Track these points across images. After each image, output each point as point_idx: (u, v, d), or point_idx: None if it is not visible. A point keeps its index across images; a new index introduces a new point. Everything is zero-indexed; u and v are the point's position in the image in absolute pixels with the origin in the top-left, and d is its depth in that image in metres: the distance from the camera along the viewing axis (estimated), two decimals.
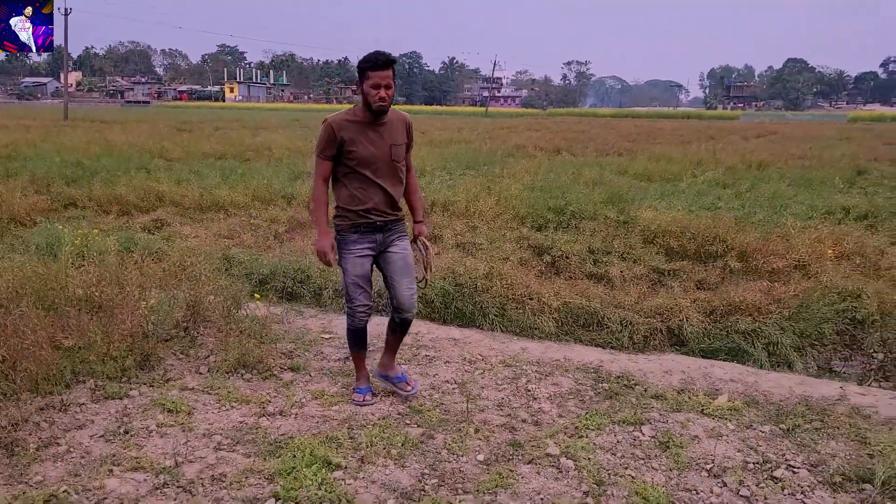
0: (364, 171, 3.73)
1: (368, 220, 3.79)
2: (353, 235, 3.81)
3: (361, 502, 3.08)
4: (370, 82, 3.61)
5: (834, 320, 4.94)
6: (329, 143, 3.71)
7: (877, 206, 9.22)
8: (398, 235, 3.93)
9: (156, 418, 3.79)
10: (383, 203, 3.81)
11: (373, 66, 3.60)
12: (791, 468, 3.45)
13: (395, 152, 3.82)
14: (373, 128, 3.74)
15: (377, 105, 3.64)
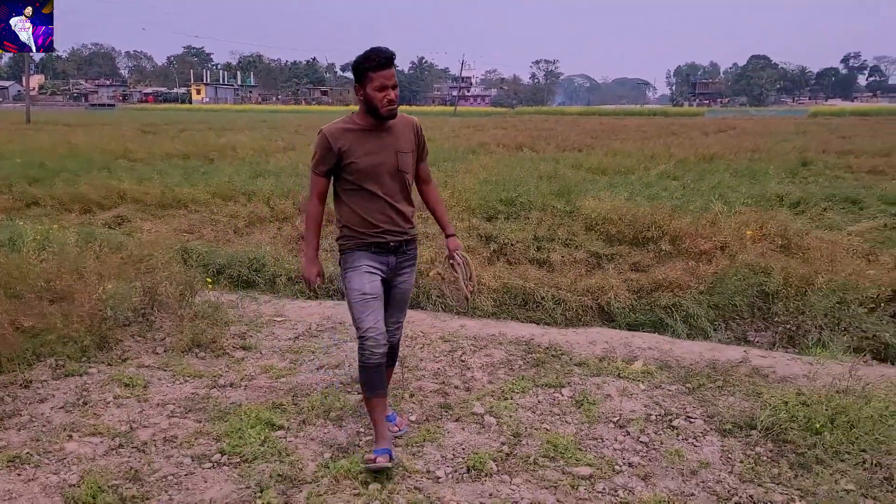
0: (369, 187, 3.26)
1: (380, 241, 3.33)
2: (362, 252, 3.34)
3: (299, 455, 3.41)
4: (374, 85, 3.15)
5: (744, 293, 5.39)
6: (324, 156, 3.27)
7: (808, 194, 9.77)
8: (410, 264, 3.51)
9: (113, 391, 4.09)
10: (395, 221, 3.35)
11: (375, 66, 3.14)
12: (689, 419, 3.86)
13: (403, 161, 3.33)
14: (375, 135, 3.28)
15: (386, 109, 3.19)
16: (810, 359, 4.57)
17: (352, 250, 3.35)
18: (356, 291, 3.29)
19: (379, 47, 3.18)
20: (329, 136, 3.26)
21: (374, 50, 3.17)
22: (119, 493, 3.05)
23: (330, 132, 3.27)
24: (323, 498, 3.04)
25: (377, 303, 3.31)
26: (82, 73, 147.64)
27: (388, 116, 3.24)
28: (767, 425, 3.70)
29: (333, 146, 3.24)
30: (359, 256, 3.33)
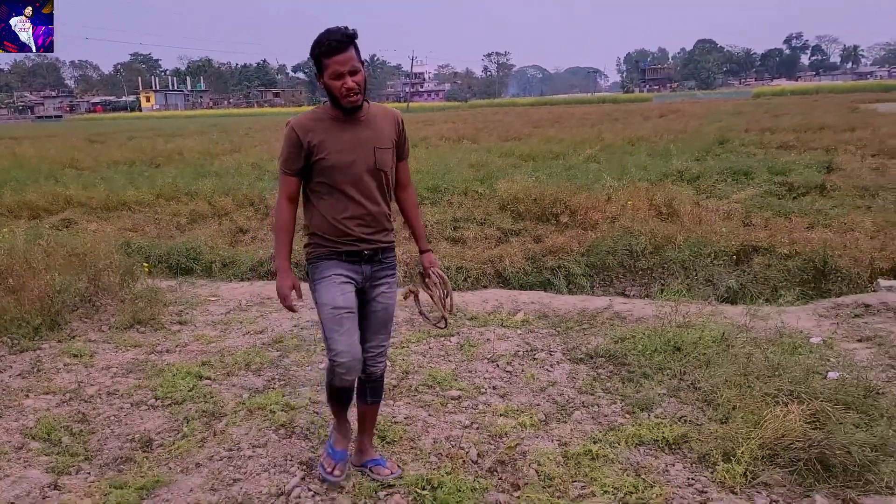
0: (342, 187, 2.87)
1: (353, 249, 2.94)
2: (332, 261, 2.95)
3: (222, 397, 4.13)
4: (328, 72, 2.75)
5: (615, 253, 6.24)
6: (293, 152, 2.87)
7: (707, 169, 10.75)
8: (388, 274, 3.08)
9: (63, 361, 4.75)
10: (371, 227, 2.95)
11: (327, 51, 2.73)
12: (550, 352, 4.68)
13: (381, 158, 2.92)
14: (349, 127, 2.88)
15: (347, 101, 2.78)
16: (663, 302, 5.41)
17: (320, 259, 2.96)
18: (327, 305, 2.88)
19: (332, 28, 2.76)
20: (297, 129, 2.85)
21: (326, 32, 2.75)
22: (69, 430, 3.74)
23: (298, 124, 2.87)
24: (238, 424, 3.77)
25: (351, 319, 2.92)
26: (26, 85, 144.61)
27: (351, 108, 2.81)
28: (613, 353, 4.53)
29: (302, 140, 2.84)
30: (329, 265, 2.93)
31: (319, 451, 3.45)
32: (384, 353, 3.18)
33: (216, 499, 3.08)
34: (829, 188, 9.79)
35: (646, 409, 3.81)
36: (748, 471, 3.08)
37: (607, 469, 3.22)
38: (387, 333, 3.17)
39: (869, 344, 4.53)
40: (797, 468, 3.07)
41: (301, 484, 3.18)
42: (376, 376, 3.19)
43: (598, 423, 3.72)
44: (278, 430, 3.70)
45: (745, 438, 3.17)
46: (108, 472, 3.35)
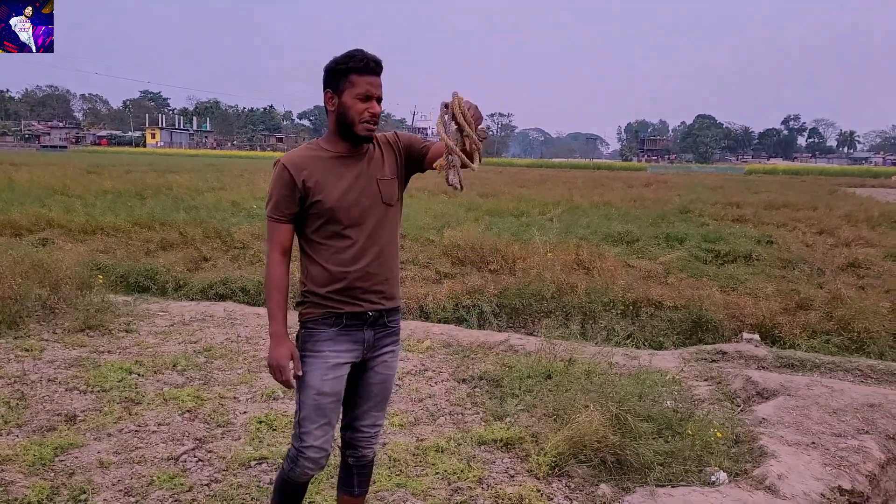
0: (344, 230, 2.49)
1: (357, 310, 2.53)
2: (330, 330, 2.53)
3: (145, 389, 4.81)
4: (356, 91, 2.42)
5: (523, 296, 6.98)
6: (285, 194, 2.47)
7: (644, 232, 11.62)
8: (392, 341, 2.71)
9: (15, 353, 5.43)
10: (378, 279, 2.55)
11: (362, 69, 2.42)
12: (439, 372, 5.37)
13: (386, 190, 2.56)
14: (348, 162, 2.52)
15: (365, 127, 2.46)
16: (555, 340, 6.12)
17: (316, 324, 2.53)
18: (312, 389, 2.52)
19: (363, 50, 2.45)
20: (290, 167, 2.46)
21: (359, 50, 2.44)
22: (8, 404, 4.40)
23: (291, 162, 2.47)
24: (152, 409, 4.44)
25: (334, 411, 2.58)
26: (35, 114, 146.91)
27: (366, 138, 2.49)
28: (493, 376, 5.22)
29: (296, 179, 2.44)
30: (324, 338, 2.52)
31: (217, 433, 4.12)
32: (379, 433, 2.79)
33: (117, 459, 3.74)
34: (755, 258, 10.58)
35: (500, 419, 4.48)
36: (555, 463, 3.76)
37: (447, 458, 3.89)
38: (383, 410, 2.78)
39: (711, 382, 5.24)
40: (594, 463, 3.75)
41: (189, 451, 3.85)
42: (367, 460, 2.80)
43: (457, 427, 4.40)
44: (183, 414, 4.38)
45: (553, 436, 3.86)
46: (34, 436, 4.01)
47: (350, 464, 2.79)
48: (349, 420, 2.73)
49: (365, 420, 2.72)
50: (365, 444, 2.74)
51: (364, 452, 2.76)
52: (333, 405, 2.57)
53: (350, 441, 2.75)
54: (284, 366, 2.48)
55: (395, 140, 2.66)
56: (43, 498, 3.30)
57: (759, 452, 3.94)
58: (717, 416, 4.50)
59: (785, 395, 4.72)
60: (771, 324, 6.54)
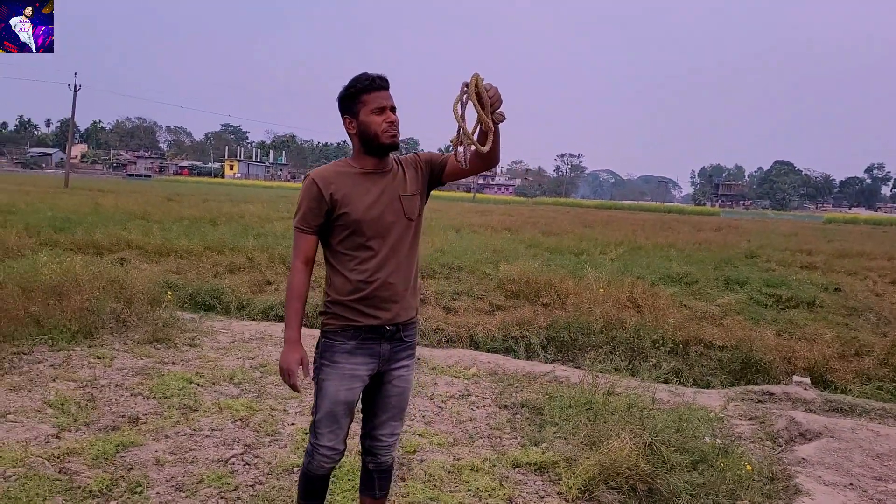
0: (369, 243, 2.65)
1: (375, 324, 2.67)
2: (348, 343, 2.68)
3: (203, 398, 5.10)
4: (370, 107, 2.61)
5: (570, 329, 7.06)
6: (313, 207, 2.63)
7: (704, 275, 11.50)
8: (408, 354, 2.83)
9: (88, 360, 5.82)
10: (398, 292, 2.70)
11: (368, 87, 2.62)
12: (482, 398, 5.50)
13: (408, 206, 2.72)
14: (375, 178, 2.69)
15: (388, 135, 2.63)
16: (599, 373, 6.18)
17: (335, 335, 2.70)
18: (328, 398, 2.70)
19: (367, 73, 2.66)
20: (319, 181, 2.62)
21: (365, 73, 2.65)
22: (78, 404, 4.75)
23: (320, 176, 2.65)
24: (207, 416, 4.72)
25: (347, 418, 2.76)
26: (124, 144, 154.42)
27: (392, 145, 2.65)
28: (535, 404, 5.33)
29: (324, 193, 2.61)
30: (342, 350, 2.68)
31: (265, 441, 4.36)
32: (397, 441, 2.96)
33: (172, 458, 4.01)
34: (818, 304, 10.35)
35: (536, 444, 4.59)
36: (585, 487, 3.84)
37: (480, 477, 4.02)
38: (401, 420, 2.92)
39: (754, 422, 5.21)
40: (624, 490, 3.82)
41: (238, 455, 4.10)
42: (387, 465, 2.95)
43: (493, 449, 4.52)
44: (235, 422, 4.64)
45: (585, 461, 3.94)
46: (99, 434, 4.32)
47: (371, 469, 2.95)
48: (369, 430, 2.89)
49: (384, 430, 2.87)
50: (384, 451, 2.90)
51: (383, 459, 2.91)
52: (346, 412, 2.74)
53: (370, 449, 2.91)
54: (294, 371, 2.66)
55: (416, 159, 2.84)
56: (103, 487, 3.58)
57: (794, 490, 3.94)
58: (755, 454, 4.50)
59: (828, 438, 4.67)
60: (823, 368, 6.44)
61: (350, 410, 2.77)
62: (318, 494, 2.94)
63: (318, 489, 2.93)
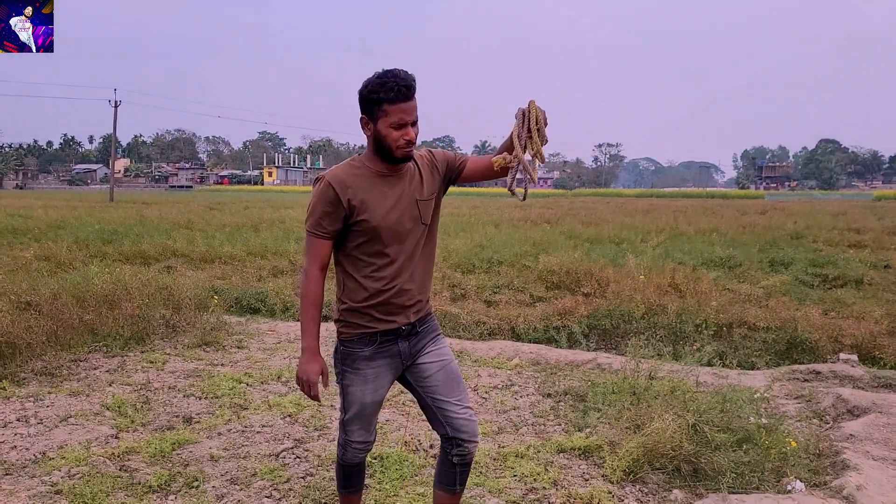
0: (386, 250, 2.58)
1: (391, 327, 2.64)
2: (366, 349, 2.65)
3: (252, 396, 5.25)
4: (389, 120, 2.47)
5: (611, 317, 7.05)
6: (329, 212, 2.54)
7: (748, 257, 11.34)
8: (433, 335, 2.78)
9: (142, 365, 6.03)
10: (413, 295, 2.67)
11: (394, 97, 2.45)
12: (524, 387, 5.55)
13: (425, 210, 2.66)
14: (391, 181, 2.60)
15: (403, 152, 2.53)
16: (642, 359, 6.18)
17: (352, 344, 2.68)
18: (355, 403, 2.71)
19: (395, 70, 2.47)
20: (335, 185, 2.52)
21: (391, 75, 2.46)
22: (135, 406, 4.93)
23: (336, 179, 2.53)
24: (258, 413, 4.86)
25: (375, 413, 2.78)
26: (164, 156, 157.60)
27: (404, 160, 2.56)
28: (578, 391, 5.36)
29: (341, 197, 2.51)
30: (361, 357, 2.66)
31: (313, 435, 4.48)
32: (474, 415, 2.81)
33: (226, 454, 4.15)
34: (867, 282, 10.16)
35: (580, 429, 4.62)
36: (630, 469, 3.87)
37: (525, 463, 4.07)
38: (462, 392, 2.80)
39: (800, 401, 5.17)
40: (668, 471, 3.84)
41: (288, 450, 4.22)
42: (471, 457, 2.82)
43: (538, 436, 4.57)
44: (285, 418, 4.77)
45: (628, 443, 3.97)
46: (155, 433, 4.49)
47: (454, 462, 2.78)
48: (440, 417, 2.74)
49: (452, 408, 2.72)
50: (466, 434, 2.72)
51: (468, 448, 2.74)
52: (373, 411, 2.75)
53: (453, 435, 2.73)
54: (314, 382, 2.64)
55: (432, 159, 2.74)
56: (162, 483, 3.73)
57: (842, 466, 3.91)
58: (802, 432, 4.47)
59: (876, 413, 4.62)
60: (871, 345, 6.33)
61: (379, 407, 2.77)
62: (355, 482, 2.98)
63: (354, 477, 2.96)
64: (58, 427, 4.52)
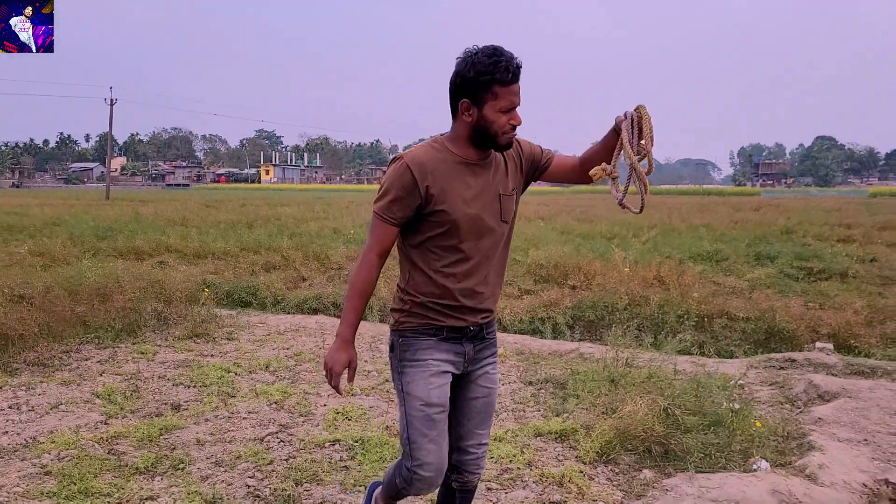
0: (462, 245, 2.35)
1: (459, 324, 2.42)
2: (429, 340, 2.41)
3: (240, 385, 5.37)
4: (500, 105, 2.26)
5: (595, 308, 7.19)
6: (403, 197, 2.31)
7: (736, 251, 11.50)
8: (492, 353, 2.58)
9: (132, 356, 6.14)
10: (484, 299, 2.46)
11: (506, 79, 2.23)
12: (508, 376, 5.68)
13: (506, 206, 2.44)
14: (476, 170, 2.38)
15: (506, 140, 2.33)
16: (620, 348, 6.31)
17: (415, 334, 2.42)
18: (418, 400, 2.39)
19: (502, 49, 2.25)
20: (414, 168, 2.29)
21: (500, 52, 2.23)
22: (124, 394, 5.06)
23: (416, 162, 2.30)
24: (245, 401, 4.98)
25: (444, 422, 2.44)
26: (161, 155, 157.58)
27: (508, 146, 2.36)
28: (559, 380, 5.49)
29: (419, 184, 2.28)
30: (425, 346, 2.40)
31: (298, 421, 4.60)
32: (486, 454, 2.64)
33: (212, 439, 4.28)
34: (851, 275, 10.30)
35: (558, 415, 4.75)
36: (602, 450, 4.01)
37: (503, 446, 4.20)
38: (489, 427, 2.64)
39: (774, 387, 5.30)
40: (639, 451, 3.98)
41: (273, 433, 4.35)
42: (473, 485, 2.66)
43: (517, 421, 4.70)
44: (271, 405, 4.90)
45: (601, 425, 4.11)
46: (144, 419, 4.61)
47: (454, 488, 2.65)
48: (453, 441, 2.56)
49: (470, 440, 2.56)
50: (472, 467, 2.59)
51: (470, 478, 2.60)
52: (442, 416, 2.42)
53: (456, 465, 2.59)
54: (339, 372, 2.40)
55: (518, 150, 2.51)
56: (149, 465, 3.85)
57: (808, 447, 4.04)
58: (773, 416, 4.61)
59: (846, 398, 4.75)
60: (847, 334, 6.48)
61: (445, 413, 2.44)
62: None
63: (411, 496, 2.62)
64: (48, 414, 4.64)
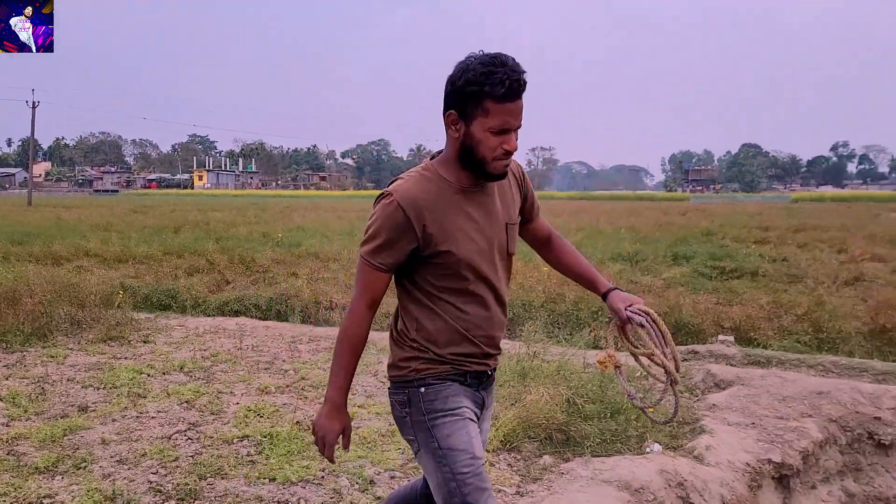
0: (471, 287, 2.06)
1: (481, 369, 2.17)
2: (455, 386, 2.11)
3: (152, 387, 5.32)
4: (490, 123, 1.92)
5: (513, 307, 7.37)
6: (394, 239, 1.99)
7: (655, 252, 11.92)
8: (491, 391, 2.32)
9: (41, 360, 6.01)
10: (496, 341, 2.19)
11: (503, 94, 1.88)
12: None
13: (513, 237, 2.18)
14: (477, 197, 2.07)
15: (498, 166, 2.00)
16: (536, 343, 6.49)
17: (441, 380, 2.10)
18: (464, 453, 2.02)
19: (505, 58, 1.91)
20: (406, 206, 1.97)
21: (500, 62, 1.89)
22: (30, 397, 4.95)
23: (407, 198, 1.98)
24: (155, 401, 4.94)
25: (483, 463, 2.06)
26: (89, 160, 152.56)
27: (498, 176, 2.04)
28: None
29: (415, 225, 1.98)
30: (454, 393, 2.10)
31: (208, 419, 4.59)
32: None
33: (118, 438, 4.24)
34: (761, 274, 10.79)
35: None
36: (506, 439, 4.14)
37: None
38: None
39: None
40: (541, 439, 4.13)
41: (181, 431, 4.34)
42: None
43: None
44: (182, 404, 4.87)
45: (505, 415, 4.24)
46: (48, 420, 4.53)
47: None
48: None
49: None
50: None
51: None
52: (481, 456, 2.05)
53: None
54: (332, 443, 2.12)
55: (522, 177, 2.26)
56: (49, 464, 3.80)
57: (699, 431, 4.26)
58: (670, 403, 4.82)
59: (739, 385, 5.01)
60: (749, 327, 6.82)
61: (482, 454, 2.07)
62: None
63: None
64: None
